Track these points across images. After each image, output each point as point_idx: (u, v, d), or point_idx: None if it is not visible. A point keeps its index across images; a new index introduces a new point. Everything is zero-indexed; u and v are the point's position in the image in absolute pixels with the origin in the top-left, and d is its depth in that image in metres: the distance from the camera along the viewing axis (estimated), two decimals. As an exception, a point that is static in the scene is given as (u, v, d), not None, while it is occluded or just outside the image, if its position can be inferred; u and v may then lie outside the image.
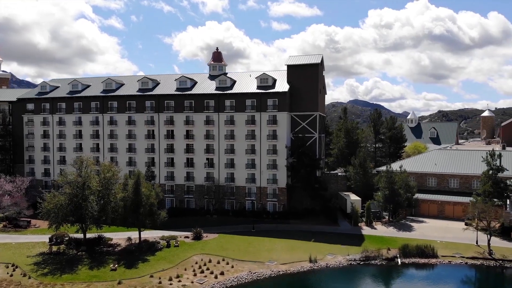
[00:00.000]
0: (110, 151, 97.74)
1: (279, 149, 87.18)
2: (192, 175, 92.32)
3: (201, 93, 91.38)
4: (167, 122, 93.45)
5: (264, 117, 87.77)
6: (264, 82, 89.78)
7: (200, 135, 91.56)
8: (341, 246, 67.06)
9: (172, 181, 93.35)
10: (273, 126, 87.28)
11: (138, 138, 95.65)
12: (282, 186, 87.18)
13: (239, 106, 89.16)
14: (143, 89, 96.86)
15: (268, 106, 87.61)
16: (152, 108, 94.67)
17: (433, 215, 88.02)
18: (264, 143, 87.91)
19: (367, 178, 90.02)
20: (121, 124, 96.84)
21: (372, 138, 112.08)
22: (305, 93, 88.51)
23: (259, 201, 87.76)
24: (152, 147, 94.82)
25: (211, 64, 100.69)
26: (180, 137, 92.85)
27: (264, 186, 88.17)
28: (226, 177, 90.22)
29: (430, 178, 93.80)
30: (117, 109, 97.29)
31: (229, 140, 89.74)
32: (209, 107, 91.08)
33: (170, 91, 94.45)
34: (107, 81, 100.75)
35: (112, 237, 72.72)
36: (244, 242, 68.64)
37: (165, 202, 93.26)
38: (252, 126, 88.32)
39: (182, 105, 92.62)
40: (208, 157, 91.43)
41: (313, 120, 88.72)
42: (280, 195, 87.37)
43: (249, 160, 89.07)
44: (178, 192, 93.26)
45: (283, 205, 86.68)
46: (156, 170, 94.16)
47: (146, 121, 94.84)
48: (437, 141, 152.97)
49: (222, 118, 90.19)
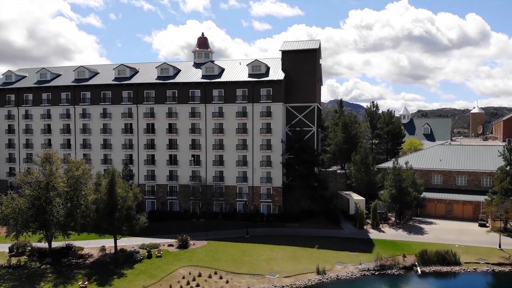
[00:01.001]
0: (82, 147, 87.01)
1: (273, 144, 78.12)
2: (176, 174, 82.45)
3: (186, 81, 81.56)
4: (147, 114, 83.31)
5: (257, 108, 78.57)
6: (257, 69, 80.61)
7: (184, 129, 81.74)
8: (350, 253, 58.40)
9: (153, 181, 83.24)
10: (267, 118, 78.17)
11: (114, 133, 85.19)
12: (277, 185, 78.15)
13: (229, 96, 79.74)
14: (119, 78, 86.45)
15: (262, 96, 78.45)
16: (130, 99, 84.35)
17: (440, 215, 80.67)
18: (257, 138, 78.74)
19: (369, 175, 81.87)
20: (95, 117, 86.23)
21: (368, 133, 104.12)
22: (302, 82, 79.71)
23: (252, 202, 78.45)
24: (130, 143, 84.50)
25: (196, 51, 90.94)
26: (161, 131, 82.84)
27: (257, 185, 78.97)
28: (215, 176, 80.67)
29: (436, 175, 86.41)
30: (91, 100, 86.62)
31: (218, 134, 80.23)
32: (195, 98, 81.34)
33: (150, 79, 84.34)
34: (79, 69, 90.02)
35: (83, 246, 62.41)
36: (238, 251, 59.24)
37: (145, 205, 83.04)
38: (244, 118, 79.03)
39: (164, 96, 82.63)
40: (194, 154, 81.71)
41: (310, 112, 79.97)
42: (275, 195, 78.30)
43: (240, 157, 79.74)
44: (160, 193, 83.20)
45: (278, 207, 77.63)
46: (134, 169, 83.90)
47: (123, 114, 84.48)
48: (431, 138, 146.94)
49: (210, 110, 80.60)
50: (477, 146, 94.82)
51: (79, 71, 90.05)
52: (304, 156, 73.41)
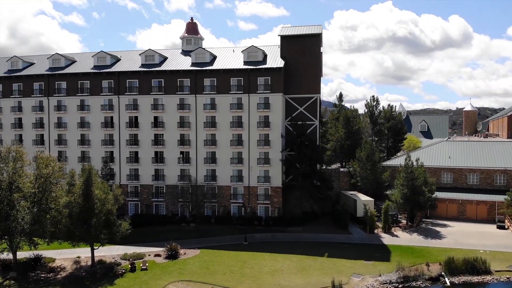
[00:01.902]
0: (57, 143, 77.69)
1: (272, 140, 70.20)
2: (162, 173, 73.88)
3: (173, 69, 73.01)
4: (129, 106, 74.53)
5: (253, 100, 70.56)
6: (253, 56, 72.59)
7: (172, 122, 73.22)
8: (366, 263, 50.86)
9: (137, 181, 74.50)
10: (264, 111, 70.19)
11: (93, 128, 76.15)
12: (276, 185, 70.24)
13: (222, 86, 71.53)
14: (99, 66, 77.40)
15: (259, 86, 70.45)
16: (110, 89, 75.41)
17: (452, 216, 74.09)
18: (253, 133, 70.73)
19: (375, 174, 74.59)
20: (72, 110, 77.02)
21: (368, 129, 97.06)
22: (303, 71, 71.99)
23: (248, 204, 70.35)
24: (111, 139, 75.54)
25: (185, 37, 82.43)
26: (146, 125, 74.17)
27: (253, 185, 70.94)
28: (206, 175, 72.33)
29: (446, 173, 79.74)
30: (66, 91, 77.34)
31: (210, 128, 71.93)
32: (184, 88, 72.88)
33: (133, 67, 75.52)
34: (54, 57, 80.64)
35: (55, 256, 53.57)
36: (236, 261, 51.10)
37: (128, 208, 74.27)
38: (239, 111, 70.92)
39: (149, 85, 73.96)
40: (183, 150, 73.27)
41: (312, 104, 72.29)
42: (273, 196, 70.37)
43: (234, 154, 71.61)
44: (145, 195, 74.50)
45: (277, 209, 69.74)
46: (115, 167, 75.00)
47: (103, 106, 75.51)
48: (428, 135, 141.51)
49: (201, 101, 72.27)
50: (488, 142, 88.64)
51: (54, 59, 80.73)
52: (307, 152, 65.68)
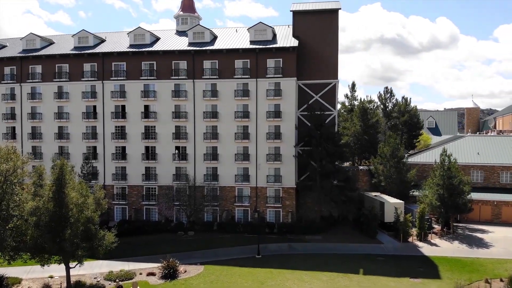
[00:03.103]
0: (31, 137, 66.38)
1: (284, 133, 59.99)
2: (154, 171, 63.12)
3: (168, 49, 62.28)
4: (115, 94, 63.61)
5: (262, 85, 60.28)
6: (261, 35, 62.25)
7: (165, 112, 62.54)
8: (413, 281, 40.77)
9: (124, 181, 63.58)
10: (275, 98, 59.95)
11: (73, 119, 65.00)
12: (289, 185, 60.02)
13: (225, 69, 61.07)
14: (80, 47, 66.29)
15: (268, 69, 60.17)
16: (93, 73, 64.36)
17: (485, 220, 65.31)
18: (262, 124, 60.45)
19: (401, 172, 64.87)
20: (48, 98, 65.79)
21: (383, 123, 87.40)
22: (319, 53, 61.94)
23: (256, 208, 59.97)
24: (94, 131, 64.50)
25: (180, 16, 71.61)
26: (135, 116, 63.32)
27: (262, 186, 60.62)
28: (206, 174, 61.78)
29: (476, 171, 70.56)
30: (42, 76, 66.08)
31: (210, 120, 61.40)
32: (180, 72, 62.20)
33: (120, 48, 64.62)
34: (29, 37, 69.19)
35: (21, 275, 42.53)
36: (251, 281, 40.54)
37: (114, 213, 63.32)
38: (245, 99, 60.55)
39: (139, 69, 63.12)
40: (179, 145, 62.62)
41: (330, 91, 62.24)
42: (285, 198, 60.12)
43: (239, 149, 61.22)
44: (133, 197, 63.60)
45: (290, 213, 59.50)
46: (99, 165, 64.02)
47: (84, 93, 64.44)
48: (436, 132, 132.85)
49: (200, 87, 61.72)
50: (520, 136, 79.62)
51: (28, 40, 69.28)
52: (327, 147, 55.48)
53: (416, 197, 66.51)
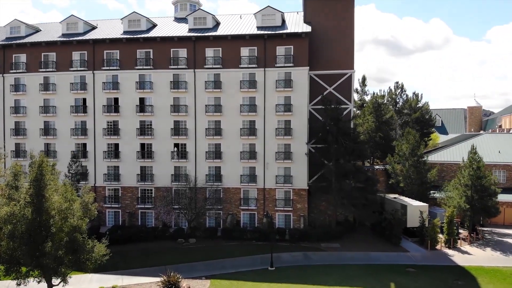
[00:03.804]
0: (14, 134, 59.98)
1: (295, 128, 54.19)
2: (151, 171, 57.04)
3: (166, 35, 56.20)
4: (108, 85, 57.45)
5: (271, 76, 54.44)
6: (269, 21, 56.35)
7: (163, 106, 56.50)
8: (453, 299, 35.19)
9: (117, 182, 57.44)
10: (285, 90, 54.12)
11: (60, 113, 58.75)
12: (300, 186, 54.21)
13: (230, 58, 55.13)
14: (69, 34, 60.02)
15: (278, 58, 54.31)
16: (83, 63, 58.14)
17: (510, 223, 59.75)
18: (270, 119, 54.60)
19: (421, 172, 59.38)
20: (32, 90, 59.47)
21: (394, 120, 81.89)
22: (333, 41, 56.25)
23: (266, 212, 54.06)
24: (83, 127, 58.29)
25: (178, 1, 65.32)
26: (129, 109, 57.22)
27: (270, 187, 54.75)
28: (208, 174, 55.82)
29: (498, 170, 65.23)
30: (27, 66, 59.70)
31: (213, 114, 55.44)
32: (179, 61, 56.18)
33: (113, 34, 58.45)
34: (13, 24, 62.65)
35: (-5, 292, 36.34)
36: (266, 299, 34.71)
37: (106, 217, 57.18)
38: (251, 90, 54.66)
39: (133, 58, 57.00)
40: (178, 142, 56.59)
41: (346, 83, 56.55)
42: (296, 201, 54.30)
43: (245, 146, 55.32)
44: (127, 200, 57.46)
45: (302, 218, 53.64)
46: (89, 164, 57.81)
47: (73, 85, 58.19)
48: (442, 130, 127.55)
49: (201, 78, 55.74)
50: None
51: (13, 27, 62.72)
52: (347, 144, 49.69)
53: (436, 199, 61.37)
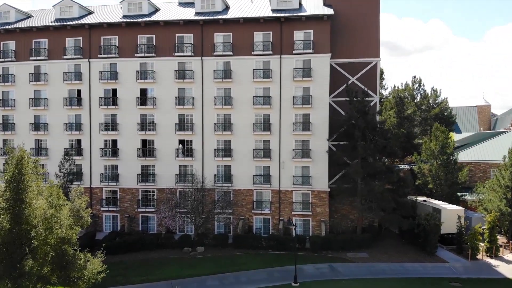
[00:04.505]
0: (1, 129, 54.30)
1: (315, 123, 48.43)
2: (153, 171, 51.29)
3: (170, 19, 50.41)
4: (105, 75, 51.67)
5: (288, 64, 48.70)
6: (285, 3, 50.49)
7: (167, 98, 50.75)
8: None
9: (115, 183, 51.66)
10: (304, 80, 48.39)
11: (52, 106, 53.00)
12: (320, 188, 48.46)
13: (242, 44, 49.38)
14: (63, 19, 54.20)
15: (296, 44, 48.55)
16: (78, 50, 52.36)
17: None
18: (287, 112, 48.87)
19: (452, 172, 53.70)
20: (22, 81, 53.72)
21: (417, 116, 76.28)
22: (356, 26, 50.54)
23: (279, 217, 48.34)
24: (78, 121, 52.52)
25: (184, -15, 59.61)
26: (129, 102, 51.45)
27: (286, 189, 49.01)
28: (217, 174, 50.05)
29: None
30: (16, 54, 53.97)
31: (223, 106, 49.67)
32: (185, 47, 50.41)
33: (111, 19, 52.68)
34: (2, 8, 56.90)
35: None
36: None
37: (103, 222, 51.40)
38: (266, 80, 48.93)
39: (134, 44, 51.22)
40: (183, 139, 50.85)
41: (370, 72, 50.79)
42: (316, 204, 48.53)
43: (259, 143, 49.58)
44: (127, 203, 51.66)
45: (323, 223, 47.79)
46: (84, 163, 52.05)
47: (67, 75, 52.42)
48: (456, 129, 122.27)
49: (209, 66, 49.96)
50: None
51: (2, 12, 56.93)
52: (377, 140, 43.90)
53: (466, 202, 55.74)
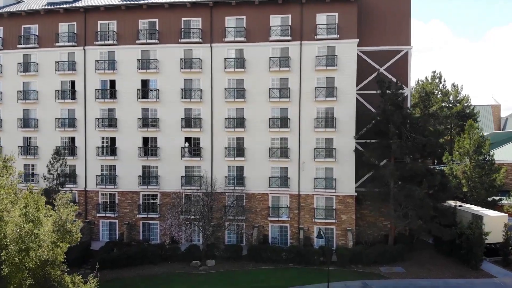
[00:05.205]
0: (-14, 126, 48.68)
1: (340, 118, 42.74)
2: (156, 172, 45.56)
3: (175, 1, 44.55)
4: (102, 64, 45.92)
5: (309, 51, 43.01)
6: (306, -17, 44.88)
7: (171, 90, 45.04)
8: None
9: (113, 186, 45.93)
10: (328, 69, 42.69)
11: (43, 99, 47.27)
12: (346, 192, 42.76)
13: (257, 28, 43.70)
14: (55, 3, 48.40)
15: (319, 28, 42.86)
16: (72, 37, 46.64)
17: None
18: (308, 106, 43.19)
19: (489, 175, 48.13)
20: (9, 71, 48.01)
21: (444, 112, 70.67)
22: (385, 10, 44.94)
23: (298, 225, 42.66)
24: (71, 117, 46.79)
25: (190, -34, 53.85)
26: (129, 94, 45.72)
27: (307, 193, 43.32)
28: (228, 176, 44.33)
29: None
30: (3, 41, 48.28)
31: (234, 100, 43.93)
32: (192, 33, 44.68)
33: (109, 1, 46.89)
34: (-15, -7, 51.35)
35: None
36: None
37: (99, 230, 45.70)
38: (284, 70, 43.21)
39: (135, 29, 45.48)
40: (190, 136, 45.11)
41: (400, 62, 45.17)
42: (342, 211, 42.83)
43: (275, 141, 43.88)
44: (126, 208, 45.90)
45: (349, 233, 42.05)
46: (78, 163, 46.33)
47: (59, 64, 46.68)
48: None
49: (220, 54, 44.24)
50: None
51: (-14, -3, 51.46)
52: (417, 138, 38.18)
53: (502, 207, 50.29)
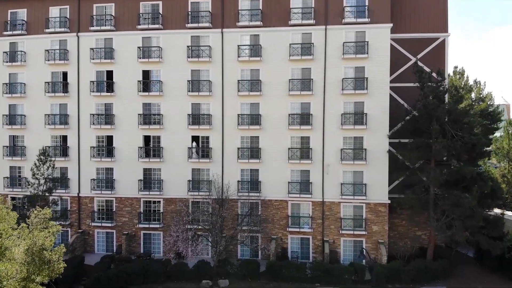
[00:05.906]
0: (-32, 124, 43.15)
1: (372, 114, 37.19)
2: (158, 176, 40.02)
3: (183, -20, 39.33)
4: (98, 53, 40.48)
5: (335, 36, 37.52)
6: (330, -40, 39.44)
7: (176, 82, 39.53)
8: None
9: (110, 191, 40.35)
10: (358, 58, 37.18)
11: (31, 93, 41.79)
12: (378, 199, 37.13)
13: (275, 11, 38.26)
14: (44, -15, 43.12)
15: (346, 11, 37.43)
16: (64, 22, 41.22)
17: None
18: (334, 100, 37.64)
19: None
20: (-8, 62, 42.72)
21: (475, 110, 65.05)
22: (420, -10, 39.60)
23: (322, 237, 37.04)
24: (63, 112, 41.28)
25: None
26: (128, 87, 40.22)
27: (332, 200, 37.71)
28: (241, 181, 38.74)
29: None
30: (-16, 29, 42.96)
31: (249, 94, 38.40)
32: (200, 16, 39.23)
33: (106, -19, 41.59)
34: (-31, -23, 45.93)
35: None
36: None
37: (94, 242, 40.07)
38: (306, 59, 37.68)
39: (135, 13, 40.07)
40: (198, 135, 39.56)
41: (438, 51, 39.74)
42: (372, 221, 37.21)
43: (295, 140, 38.31)
44: (125, 217, 40.32)
45: (383, 246, 36.42)
46: (70, 165, 40.78)
47: (49, 53, 41.23)
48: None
49: (232, 41, 38.77)
50: None
51: (-31, -19, 46.06)
52: (465, 137, 32.75)
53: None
